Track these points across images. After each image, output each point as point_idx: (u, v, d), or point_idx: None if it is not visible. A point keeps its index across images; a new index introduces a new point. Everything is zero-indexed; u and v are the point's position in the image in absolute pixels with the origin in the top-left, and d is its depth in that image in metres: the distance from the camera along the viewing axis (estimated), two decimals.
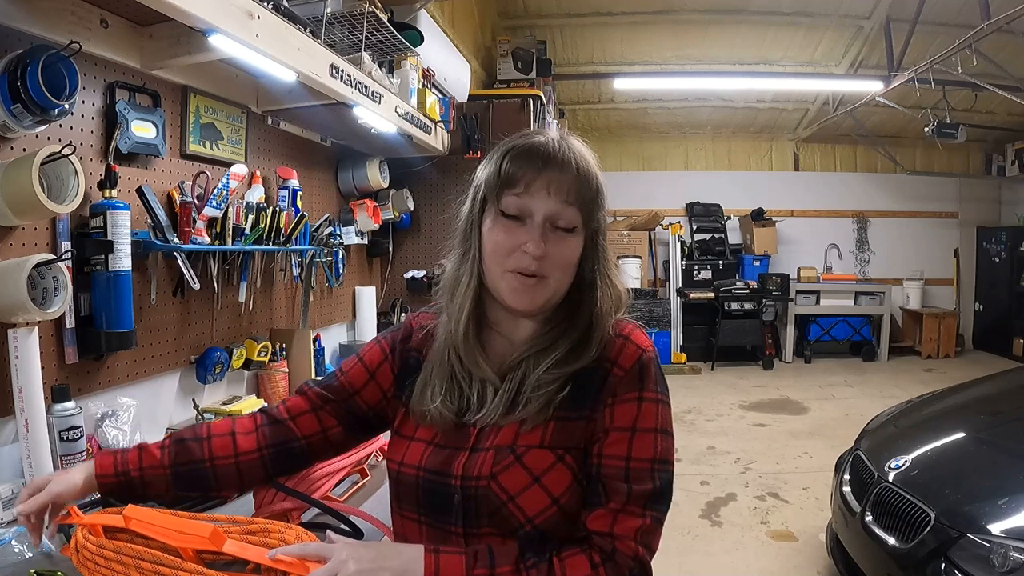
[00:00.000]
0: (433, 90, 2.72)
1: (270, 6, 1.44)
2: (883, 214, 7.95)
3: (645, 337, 0.86)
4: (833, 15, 5.62)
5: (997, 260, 7.62)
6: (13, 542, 1.04)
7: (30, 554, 1.02)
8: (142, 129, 1.52)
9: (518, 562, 0.75)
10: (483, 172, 0.87)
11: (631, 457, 0.79)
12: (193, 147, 1.75)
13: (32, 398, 1.18)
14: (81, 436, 1.25)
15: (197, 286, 1.69)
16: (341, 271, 2.51)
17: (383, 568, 0.74)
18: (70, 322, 1.36)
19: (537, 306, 0.84)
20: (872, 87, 5.83)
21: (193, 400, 1.77)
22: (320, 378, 1.01)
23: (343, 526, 1.12)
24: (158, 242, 1.55)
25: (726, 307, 6.89)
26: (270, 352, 2.01)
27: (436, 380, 0.87)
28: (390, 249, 3.08)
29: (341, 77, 1.78)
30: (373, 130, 2.25)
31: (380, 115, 2.08)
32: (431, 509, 0.84)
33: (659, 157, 8.07)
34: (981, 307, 7.93)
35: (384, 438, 1.52)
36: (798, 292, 7.20)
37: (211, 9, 1.23)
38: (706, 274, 7.35)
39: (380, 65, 2.14)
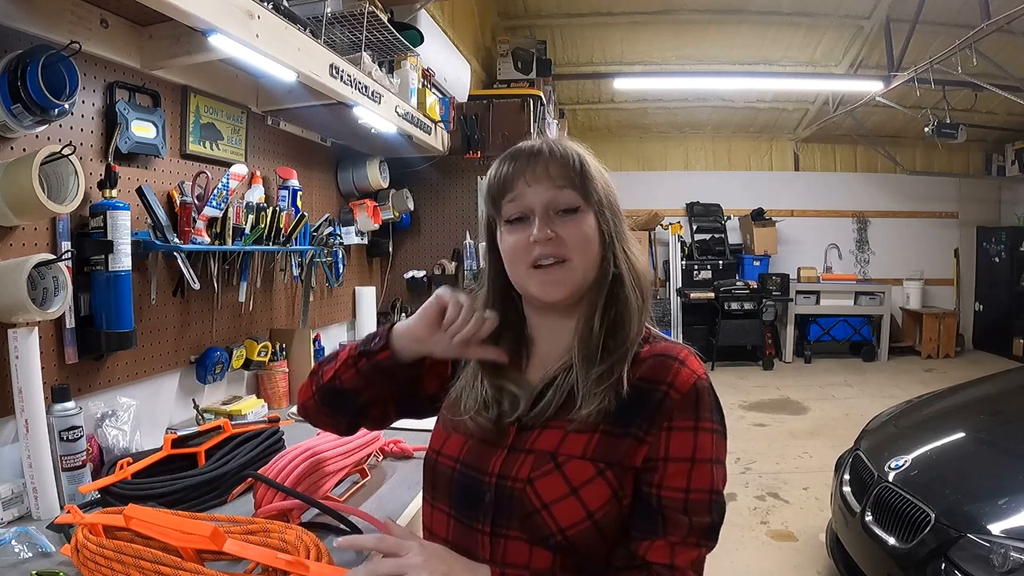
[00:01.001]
0: (433, 90, 2.72)
1: (270, 6, 1.43)
2: (883, 214, 7.95)
3: (699, 363, 0.83)
4: (833, 15, 5.62)
5: (997, 260, 7.62)
6: (13, 542, 1.04)
7: (30, 554, 1.02)
8: (142, 129, 1.52)
9: None
10: (484, 200, 0.90)
11: (690, 489, 0.77)
12: (193, 147, 1.75)
13: (32, 398, 1.18)
14: (81, 436, 1.25)
15: (197, 286, 1.69)
16: (341, 271, 2.51)
17: None
18: (70, 322, 1.36)
19: (568, 291, 0.83)
20: (872, 87, 5.83)
21: (193, 400, 1.77)
22: None
23: (342, 526, 1.12)
24: (158, 242, 1.55)
25: (726, 307, 6.89)
26: (270, 352, 2.01)
27: (468, 394, 0.88)
28: (390, 249, 3.08)
29: (341, 77, 1.78)
30: (373, 130, 2.25)
31: (380, 115, 2.07)
32: (462, 503, 0.83)
33: (659, 157, 8.07)
34: (981, 307, 7.93)
35: (384, 438, 1.53)
36: (798, 292, 7.20)
37: (211, 9, 1.23)
38: (706, 274, 7.35)
39: (380, 65, 2.14)
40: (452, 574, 0.73)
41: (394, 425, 1.81)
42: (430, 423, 0.96)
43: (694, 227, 7.70)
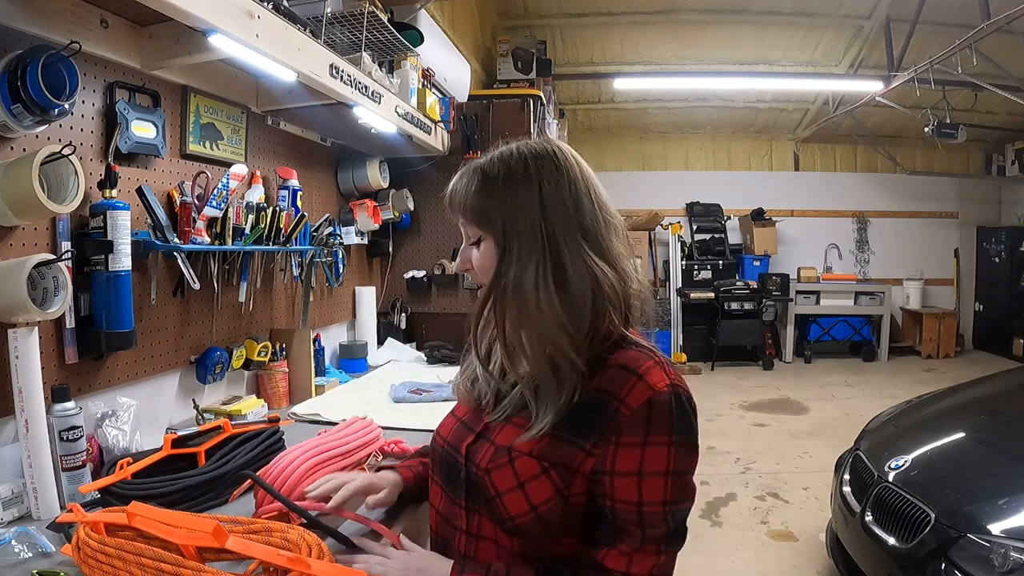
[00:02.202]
0: (433, 90, 2.72)
1: (270, 6, 1.43)
2: (883, 214, 7.95)
3: (663, 376, 0.80)
4: (833, 15, 5.62)
5: (997, 260, 7.62)
6: (13, 542, 1.03)
7: (30, 554, 1.02)
8: (142, 129, 1.52)
9: None
10: None
11: (643, 502, 0.78)
12: (193, 147, 1.75)
13: (32, 398, 1.18)
14: (81, 436, 1.24)
15: (197, 286, 1.69)
16: (341, 271, 2.51)
17: None
18: (70, 322, 1.36)
19: None
20: (872, 87, 5.83)
21: (193, 400, 1.77)
22: None
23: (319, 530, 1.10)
24: (158, 242, 1.55)
25: (726, 307, 6.90)
26: (270, 352, 2.01)
27: (468, 362, 0.98)
28: (390, 249, 3.08)
29: (341, 77, 1.78)
30: (373, 130, 2.25)
31: (380, 115, 2.07)
32: (446, 479, 0.93)
33: (659, 157, 8.07)
34: (981, 307, 7.93)
35: (383, 438, 1.53)
36: (798, 292, 7.20)
37: (211, 9, 1.22)
38: (706, 274, 7.35)
39: (380, 65, 2.14)
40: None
41: (394, 425, 1.81)
42: (430, 423, 1.03)
43: (694, 227, 7.70)
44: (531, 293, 0.82)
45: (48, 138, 1.31)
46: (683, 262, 7.34)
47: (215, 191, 1.71)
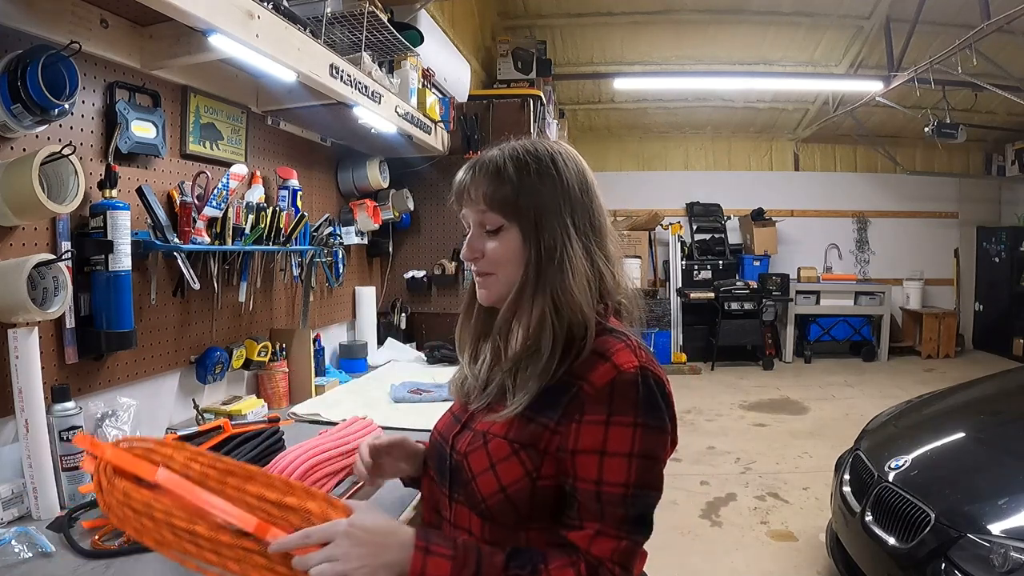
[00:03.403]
0: (433, 90, 2.72)
1: (270, 6, 1.44)
2: (883, 214, 7.95)
3: (631, 358, 0.81)
4: (833, 15, 5.62)
5: (997, 260, 7.62)
6: (13, 542, 1.03)
7: (30, 554, 1.02)
8: (142, 129, 1.52)
9: (504, 571, 0.77)
10: None
11: (602, 481, 0.78)
12: (193, 147, 1.75)
13: (32, 398, 1.18)
14: None
15: (197, 286, 1.69)
16: (341, 271, 2.51)
17: (375, 568, 0.75)
18: (70, 322, 1.36)
19: (493, 299, 0.92)
20: (872, 87, 5.83)
21: (193, 400, 1.77)
22: None
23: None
24: (158, 242, 1.55)
25: (726, 307, 6.89)
26: (270, 352, 2.01)
27: (459, 374, 1.01)
28: (390, 249, 3.08)
29: (341, 77, 1.78)
30: (373, 130, 2.25)
31: (380, 115, 2.08)
32: (436, 468, 0.95)
33: (659, 157, 8.07)
34: (981, 307, 7.93)
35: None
36: (798, 292, 7.20)
37: (211, 9, 1.23)
38: (706, 274, 7.35)
39: (380, 65, 2.14)
40: (373, 556, 0.76)
41: (394, 425, 1.81)
42: (430, 423, 1.03)
43: (694, 227, 7.70)
44: (556, 276, 0.86)
45: (48, 138, 1.31)
46: (683, 262, 7.34)
47: (215, 191, 1.71)
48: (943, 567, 1.87)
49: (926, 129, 5.92)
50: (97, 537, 1.07)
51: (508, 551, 0.80)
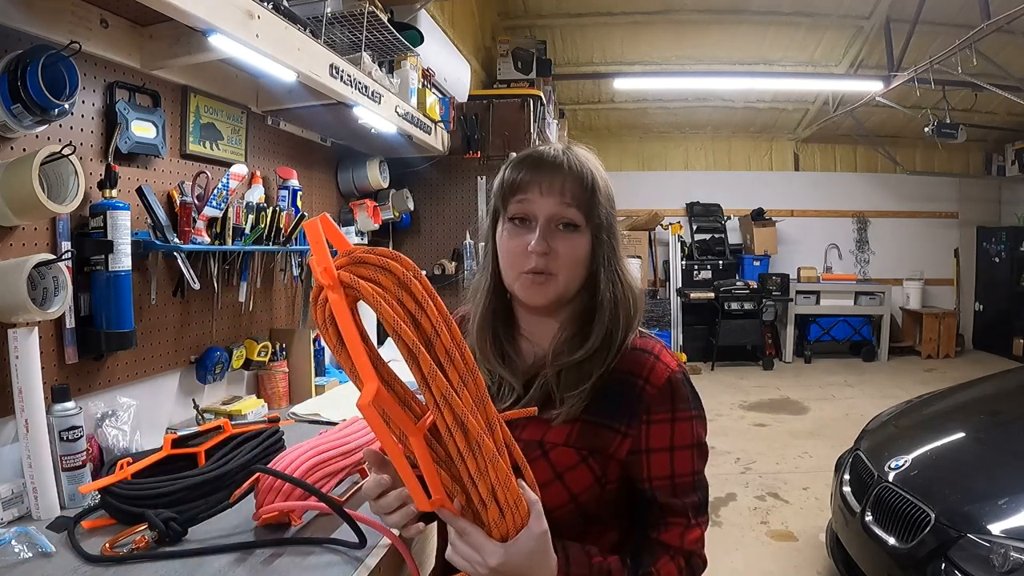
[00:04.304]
0: (433, 90, 2.71)
1: (270, 6, 1.43)
2: (883, 214, 7.95)
3: (672, 357, 0.90)
4: (833, 15, 5.62)
5: (997, 260, 7.62)
6: (13, 542, 1.03)
7: (30, 554, 1.02)
8: (142, 129, 1.52)
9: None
10: (495, 186, 0.94)
11: (675, 475, 0.85)
12: (193, 147, 1.75)
13: (32, 398, 1.18)
14: (81, 436, 1.24)
15: (197, 286, 1.69)
16: None
17: None
18: (70, 322, 1.36)
19: (548, 300, 0.88)
20: (872, 87, 5.83)
21: (193, 400, 1.77)
22: None
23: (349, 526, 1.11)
24: (158, 242, 1.55)
25: (726, 307, 6.90)
26: (270, 352, 2.01)
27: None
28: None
29: (341, 77, 1.78)
30: (373, 130, 2.25)
31: (380, 115, 2.07)
32: None
33: (659, 157, 8.07)
34: (981, 307, 7.93)
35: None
36: (798, 292, 7.20)
37: (211, 9, 1.22)
38: (706, 274, 7.35)
39: (380, 65, 2.14)
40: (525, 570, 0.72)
41: None
42: None
43: (694, 227, 7.70)
44: (615, 282, 0.89)
45: (48, 138, 1.31)
46: (683, 262, 7.34)
47: (215, 191, 1.71)
48: (943, 567, 1.87)
49: (926, 129, 5.92)
50: (108, 544, 1.04)
51: (623, 560, 0.83)
